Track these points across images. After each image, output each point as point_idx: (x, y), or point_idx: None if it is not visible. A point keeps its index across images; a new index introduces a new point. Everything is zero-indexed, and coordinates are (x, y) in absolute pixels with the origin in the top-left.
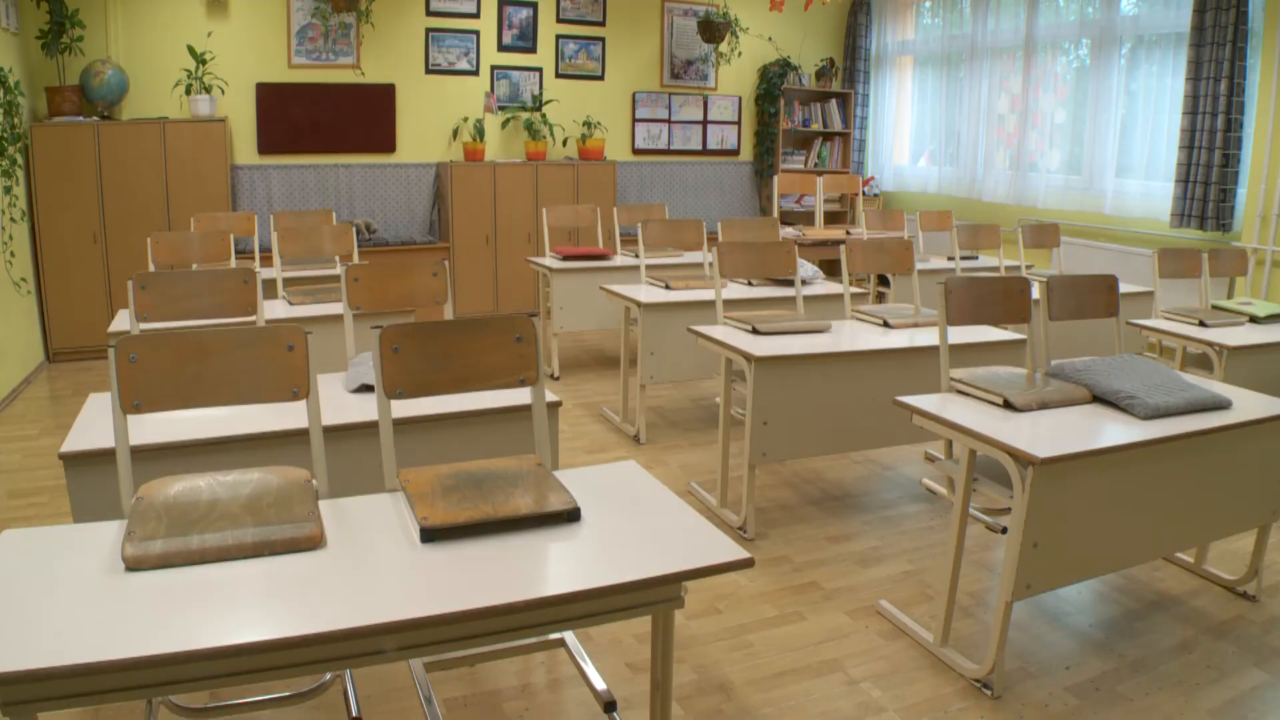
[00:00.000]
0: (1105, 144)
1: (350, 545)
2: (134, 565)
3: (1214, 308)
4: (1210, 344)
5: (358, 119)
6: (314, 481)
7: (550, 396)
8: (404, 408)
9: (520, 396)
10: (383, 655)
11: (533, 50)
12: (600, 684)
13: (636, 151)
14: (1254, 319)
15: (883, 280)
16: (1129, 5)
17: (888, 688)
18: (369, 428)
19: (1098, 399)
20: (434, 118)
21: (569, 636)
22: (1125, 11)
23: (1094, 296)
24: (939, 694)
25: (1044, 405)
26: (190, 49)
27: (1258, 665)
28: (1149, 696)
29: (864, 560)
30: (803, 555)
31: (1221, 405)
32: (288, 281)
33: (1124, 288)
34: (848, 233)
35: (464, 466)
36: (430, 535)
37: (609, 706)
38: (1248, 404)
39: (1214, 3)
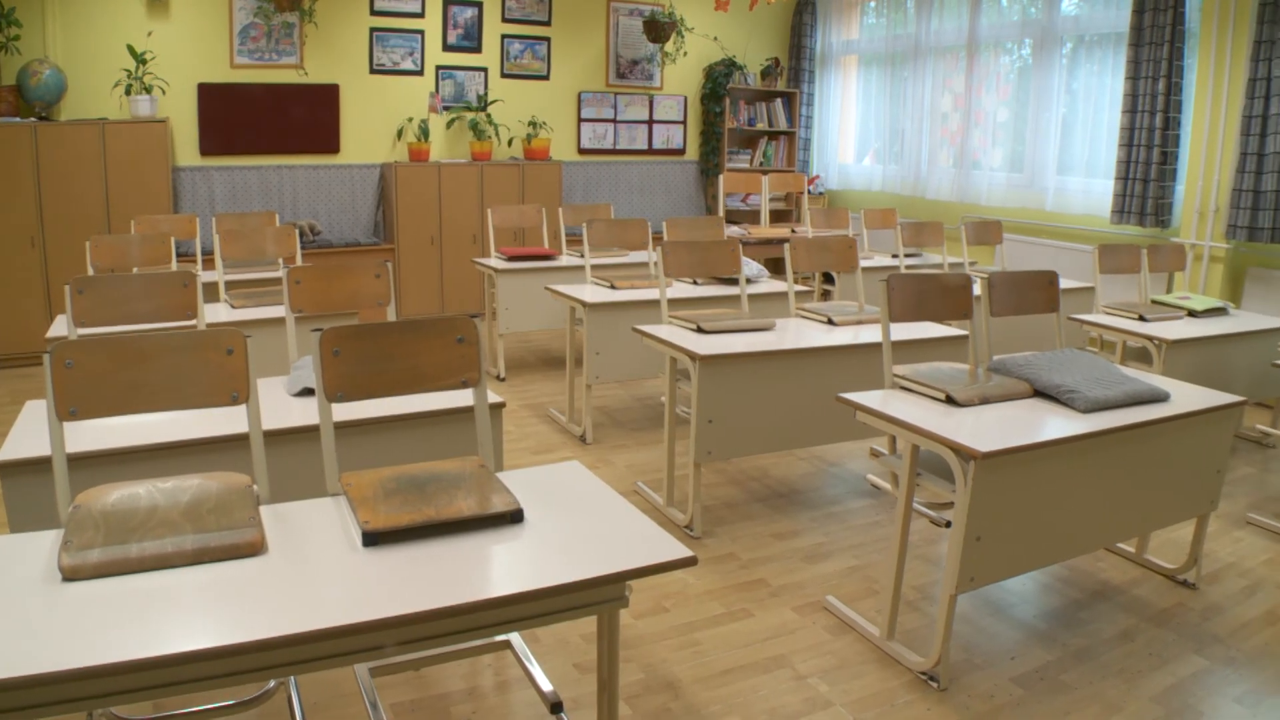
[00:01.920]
0: (1047, 142)
1: (291, 551)
2: (71, 575)
3: (1153, 302)
4: (1150, 338)
5: (301, 120)
6: (255, 487)
7: (493, 397)
8: (346, 411)
9: (464, 398)
10: (326, 661)
11: (478, 50)
12: (546, 685)
13: (582, 151)
14: (1192, 313)
15: (828, 278)
16: (1070, 5)
17: (835, 682)
18: (311, 431)
19: (1039, 393)
20: (378, 118)
21: (515, 638)
22: (1066, 12)
23: (1034, 292)
24: (885, 687)
25: (985, 400)
26: (130, 49)
27: (1197, 652)
28: (1092, 685)
29: (810, 556)
30: (749, 552)
31: (1160, 398)
32: (230, 284)
33: (1065, 283)
34: (793, 231)
35: (406, 469)
36: (372, 539)
37: (555, 707)
38: (1186, 396)
39: (1152, 4)
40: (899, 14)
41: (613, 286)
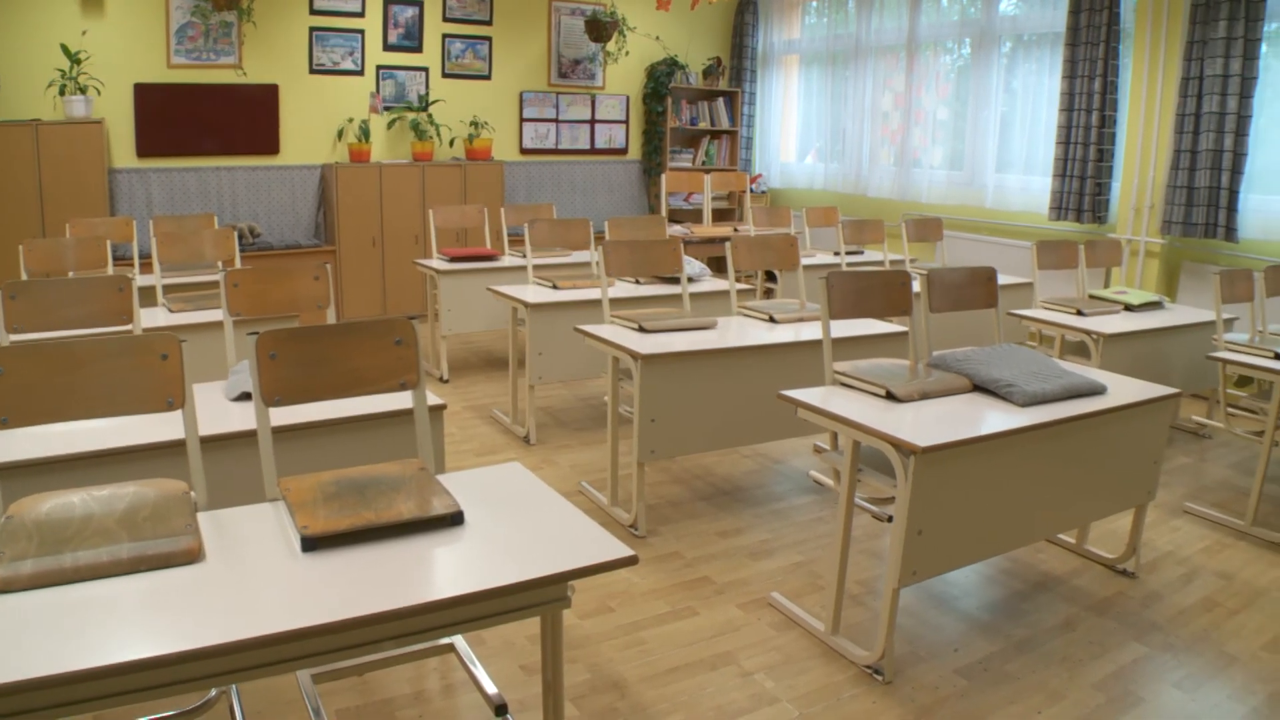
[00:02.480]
0: (986, 140)
1: (230, 557)
2: (4, 587)
3: (1091, 297)
4: (1087, 332)
5: (240, 120)
6: (192, 493)
7: (434, 399)
8: (285, 415)
9: (405, 400)
10: (267, 668)
11: (419, 50)
12: (491, 688)
13: (524, 151)
14: (1129, 307)
15: (770, 276)
16: (1008, 6)
17: (781, 678)
18: (250, 436)
19: (978, 388)
20: (318, 119)
21: (459, 641)
22: (1004, 12)
23: (973, 289)
24: (831, 682)
25: (925, 395)
26: (64, 48)
27: (1137, 639)
28: (1035, 674)
29: (755, 553)
30: (694, 551)
31: (1097, 391)
32: (168, 288)
33: (1005, 279)
34: (735, 230)
35: (346, 473)
36: (311, 544)
37: (500, 710)
38: (1123, 389)
39: (1088, 4)
40: (840, 14)
41: (555, 286)
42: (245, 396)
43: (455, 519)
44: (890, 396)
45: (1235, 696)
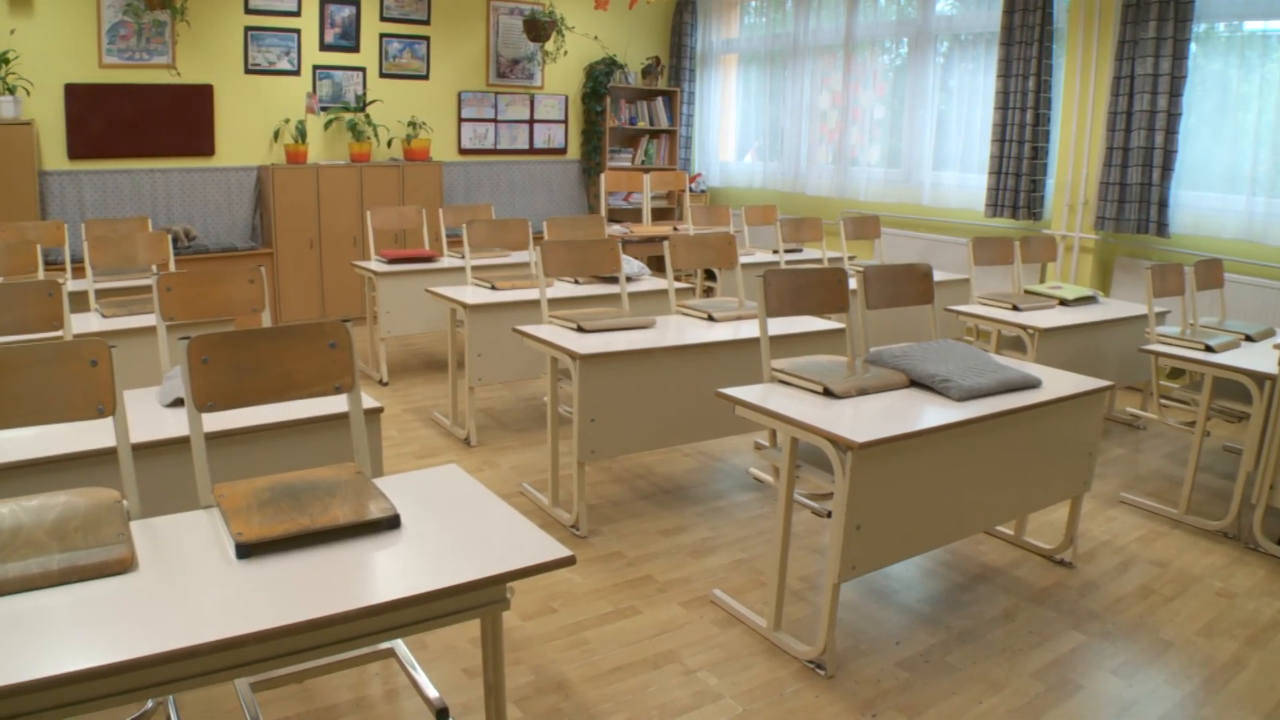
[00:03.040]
0: (923, 138)
1: (163, 566)
2: None
3: (1026, 292)
4: (1023, 327)
5: (174, 121)
6: (125, 502)
7: (370, 402)
8: (219, 420)
9: (342, 404)
10: (204, 677)
11: (355, 49)
12: (432, 692)
13: (463, 151)
14: (1064, 302)
15: (710, 275)
16: (945, 6)
17: (724, 675)
18: (184, 443)
19: (915, 383)
20: (254, 119)
21: (399, 645)
22: (941, 12)
23: (909, 285)
24: (774, 677)
25: (863, 391)
26: None
27: (1075, 628)
28: (976, 665)
29: (697, 551)
30: (636, 550)
31: (1032, 384)
32: (100, 293)
33: (942, 275)
34: (675, 229)
35: (281, 478)
36: (246, 551)
37: (441, 714)
38: (1057, 382)
39: (1022, 4)
40: (778, 13)
41: (493, 287)
42: (179, 402)
43: (392, 523)
44: (827, 393)
45: (1171, 681)
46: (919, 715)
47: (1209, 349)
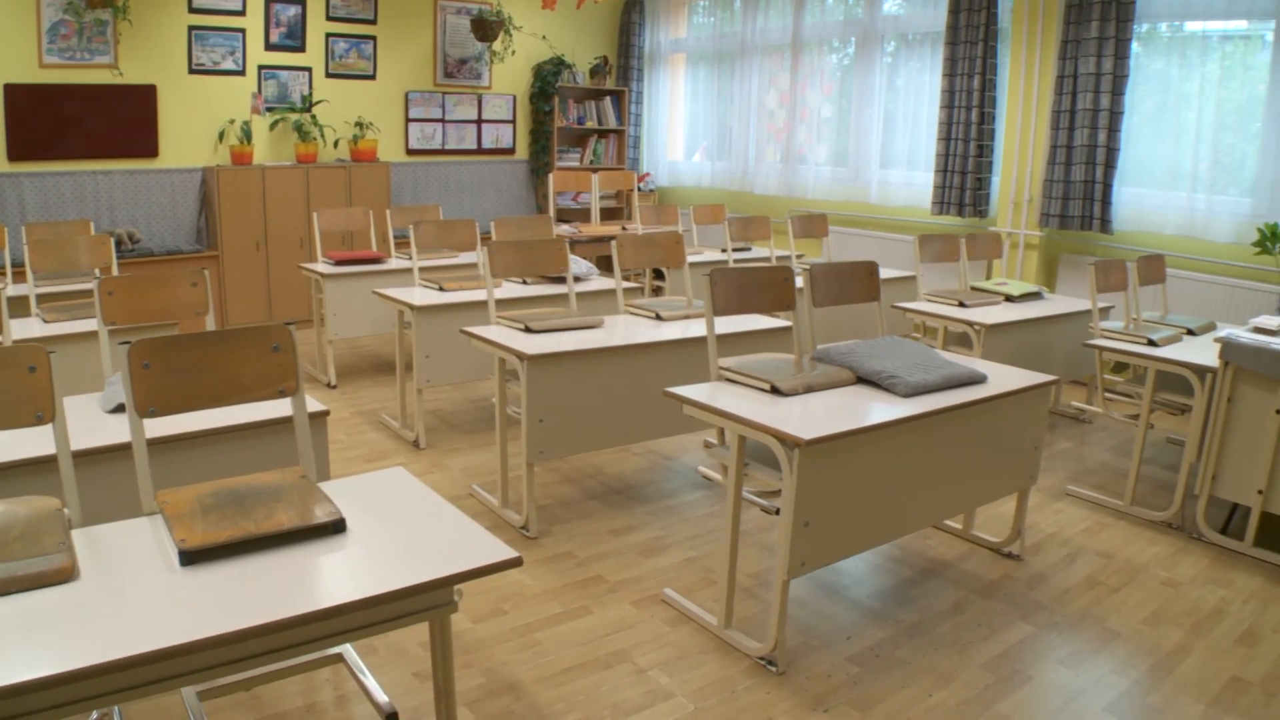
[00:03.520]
0: (870, 137)
1: (106, 575)
2: None
3: (973, 289)
4: (969, 323)
5: (117, 122)
6: (66, 510)
7: (316, 405)
8: (163, 425)
9: (287, 407)
10: (150, 687)
11: (301, 49)
12: (382, 696)
13: (410, 152)
14: (1009, 298)
15: (659, 274)
16: (892, 5)
17: (675, 673)
18: (126, 449)
19: (861, 380)
20: (199, 120)
21: (347, 650)
22: (888, 11)
23: (855, 283)
24: (725, 675)
25: (810, 389)
26: None
27: (1024, 619)
28: (926, 658)
29: (647, 550)
30: (586, 550)
31: (977, 380)
32: (42, 298)
33: (889, 272)
34: (623, 229)
35: (225, 483)
36: (189, 558)
37: (390, 719)
38: (1003, 377)
39: (967, 4)
40: (726, 13)
41: (441, 289)
42: (122, 408)
43: (337, 527)
44: (774, 391)
45: (1118, 670)
46: (870, 709)
47: (1152, 343)
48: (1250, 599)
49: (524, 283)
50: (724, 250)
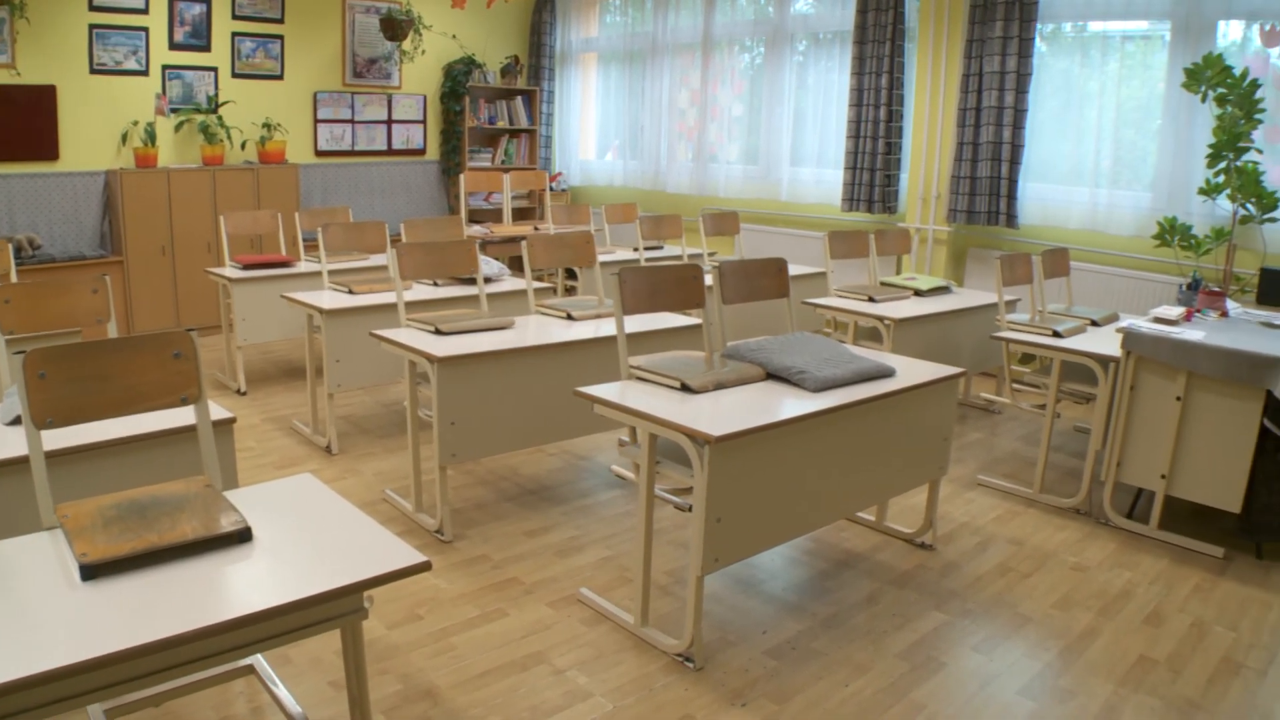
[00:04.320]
0: (780, 135)
1: (4, 592)
2: None
3: (882, 284)
4: (879, 318)
5: (14, 124)
6: None
7: (222, 413)
8: (63, 437)
9: (192, 415)
10: (52, 706)
11: (207, 49)
12: (295, 707)
13: (319, 153)
14: (918, 292)
15: (572, 274)
16: (802, 5)
17: (593, 673)
18: (25, 463)
19: (771, 376)
20: (101, 122)
21: (258, 661)
22: (798, 11)
23: (765, 279)
24: (643, 673)
25: (720, 386)
26: None
27: (937, 608)
28: (841, 649)
29: (563, 551)
30: (502, 552)
31: (886, 374)
32: None
33: (800, 269)
34: (536, 229)
35: (128, 495)
36: (91, 572)
37: None
38: (911, 371)
39: (874, 4)
40: (638, 12)
41: (351, 291)
42: (20, 420)
43: (242, 536)
44: (685, 388)
45: (1030, 654)
46: (787, 701)
47: (1057, 334)
48: (1156, 580)
49: (435, 284)
50: (636, 249)
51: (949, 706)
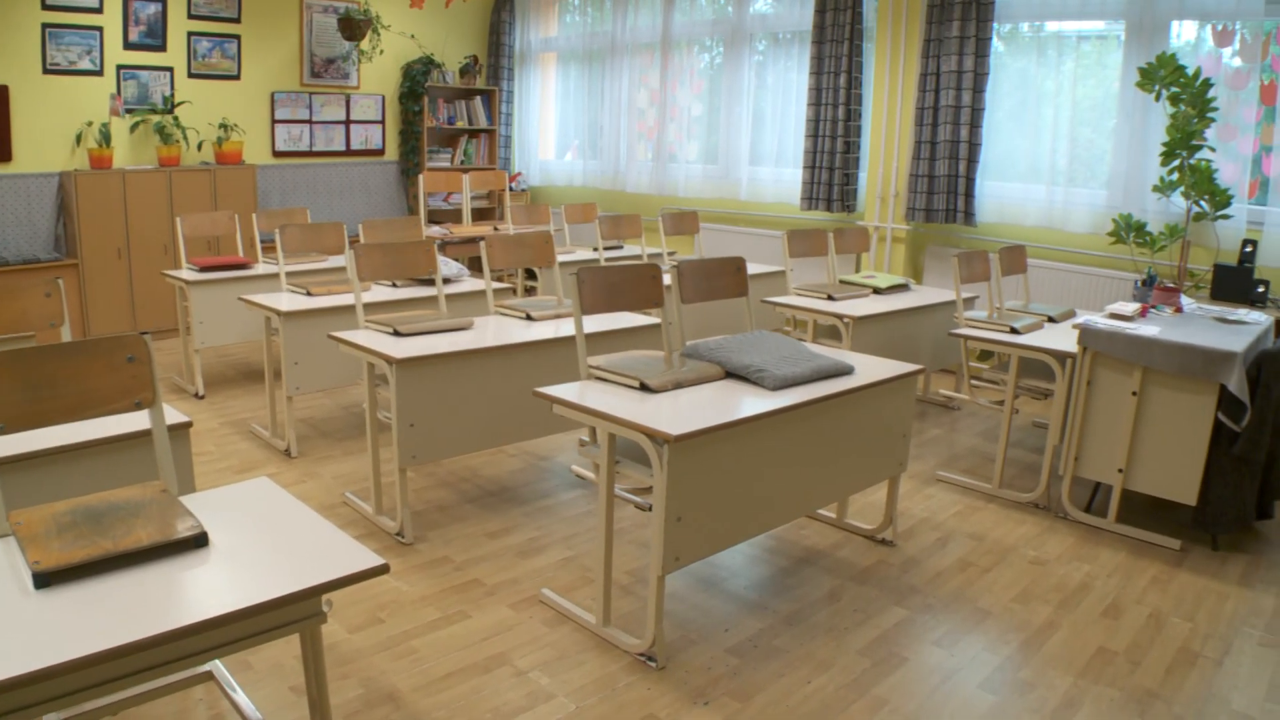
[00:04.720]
0: (739, 135)
1: None
2: None
3: (841, 282)
4: (838, 316)
5: None
6: None
7: (177, 417)
8: (15, 443)
9: (148, 420)
10: (10, 717)
11: (162, 48)
12: (254, 713)
13: (277, 154)
14: (877, 290)
15: (531, 274)
16: (761, 4)
17: (556, 673)
18: None
19: (731, 375)
20: (55, 123)
21: (217, 667)
22: (756, 11)
23: (723, 279)
24: (606, 673)
25: (679, 385)
26: None
27: (898, 603)
28: (803, 646)
29: (524, 552)
30: (463, 554)
31: (845, 371)
32: None
33: (759, 268)
34: (495, 229)
35: (83, 501)
36: (44, 580)
37: None
38: (870, 368)
39: (833, 4)
40: (598, 12)
41: (309, 293)
42: None
43: (199, 541)
44: (644, 388)
45: (990, 647)
46: (750, 699)
47: (1014, 331)
48: (1114, 573)
49: (394, 285)
50: (596, 249)
51: (910, 701)
